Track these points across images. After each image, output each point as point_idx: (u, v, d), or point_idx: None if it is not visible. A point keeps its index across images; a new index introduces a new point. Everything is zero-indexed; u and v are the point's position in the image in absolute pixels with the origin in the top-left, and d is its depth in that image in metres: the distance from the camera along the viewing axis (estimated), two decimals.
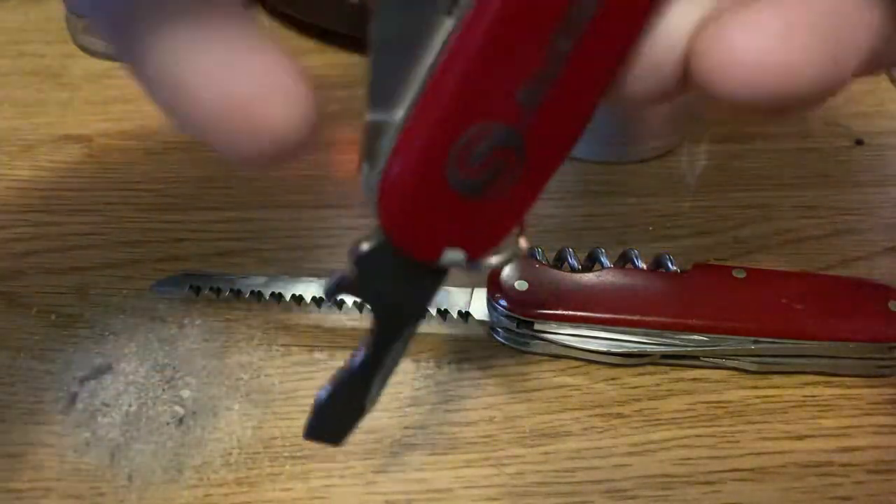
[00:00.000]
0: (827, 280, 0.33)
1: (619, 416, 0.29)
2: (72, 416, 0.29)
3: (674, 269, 0.31)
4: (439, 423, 0.29)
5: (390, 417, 0.29)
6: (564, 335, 0.30)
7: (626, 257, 0.32)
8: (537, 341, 0.31)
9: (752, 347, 0.30)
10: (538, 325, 0.30)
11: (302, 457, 0.28)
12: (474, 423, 0.29)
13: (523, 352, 0.31)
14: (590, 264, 0.32)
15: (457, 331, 0.32)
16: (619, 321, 0.30)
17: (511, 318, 0.31)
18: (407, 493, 0.27)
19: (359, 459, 0.28)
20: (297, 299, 0.33)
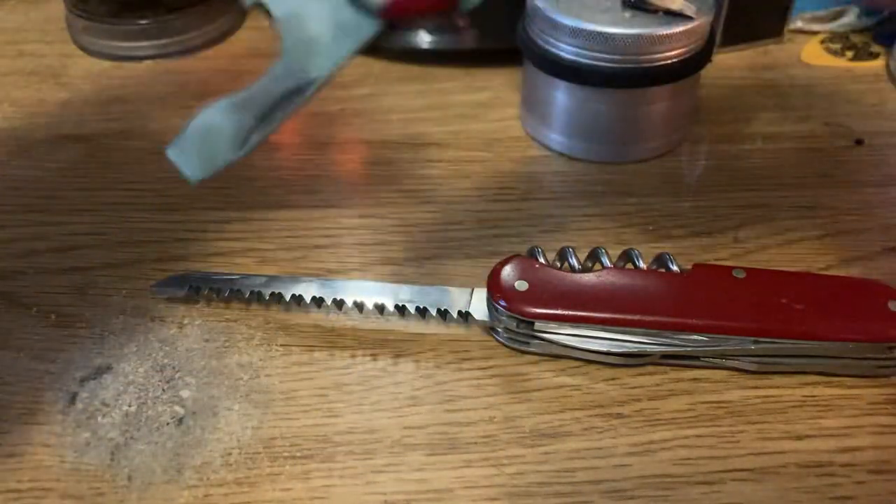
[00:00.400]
0: (827, 280, 0.33)
1: (619, 416, 0.29)
2: (72, 416, 0.29)
3: (674, 269, 0.31)
4: (439, 423, 0.29)
5: (390, 417, 0.29)
6: (564, 335, 0.30)
7: (627, 257, 0.32)
8: (537, 341, 0.31)
9: (752, 347, 0.30)
10: (538, 325, 0.30)
11: (302, 457, 0.28)
12: (474, 423, 0.29)
13: (523, 352, 0.31)
14: (590, 264, 0.32)
15: (457, 331, 0.33)
16: (619, 321, 0.30)
17: (511, 318, 0.31)
18: (407, 493, 0.27)
19: (359, 459, 0.28)
20: (297, 299, 0.33)
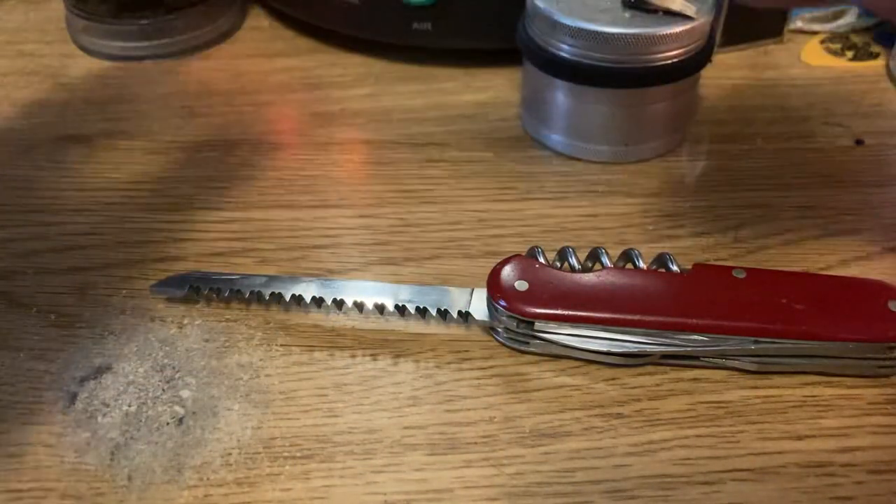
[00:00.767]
0: (827, 280, 0.33)
1: (619, 416, 0.29)
2: (72, 416, 0.29)
3: (674, 269, 0.31)
4: (439, 423, 0.29)
5: (390, 417, 0.29)
6: (564, 335, 0.30)
7: (627, 257, 0.32)
8: (537, 341, 0.31)
9: (752, 347, 0.30)
10: (538, 325, 0.30)
11: (302, 457, 0.28)
12: (474, 423, 0.29)
13: (523, 352, 0.31)
14: (590, 264, 0.32)
15: (457, 331, 0.33)
16: (619, 321, 0.30)
17: (511, 318, 0.31)
18: (407, 493, 0.27)
19: (359, 459, 0.28)
20: (297, 299, 0.33)
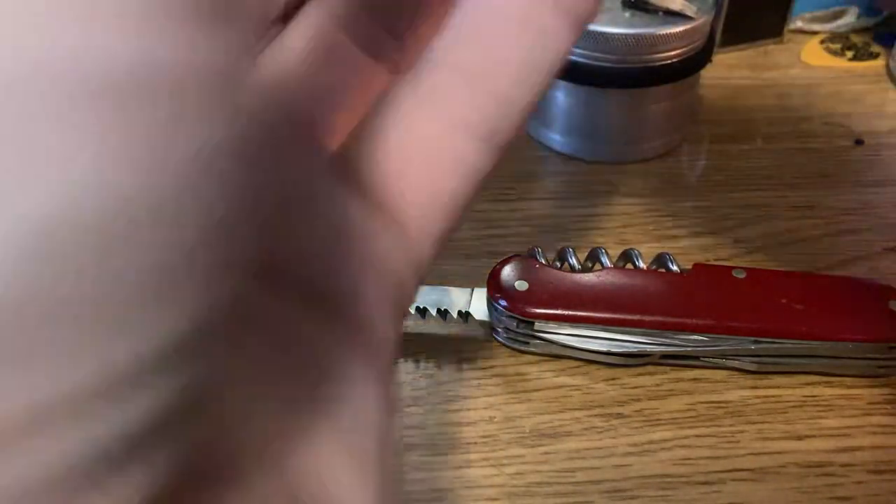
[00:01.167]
0: (827, 280, 0.33)
1: (619, 416, 0.29)
2: None
3: (674, 269, 0.31)
4: (439, 423, 0.29)
5: None
6: (564, 335, 0.30)
7: (627, 257, 0.32)
8: (537, 341, 0.31)
9: (752, 347, 0.30)
10: (538, 325, 0.30)
11: None
12: (474, 423, 0.29)
13: (523, 352, 0.31)
14: (590, 264, 0.32)
15: (457, 331, 0.32)
16: (619, 321, 0.30)
17: (511, 318, 0.31)
18: (407, 493, 0.27)
19: None
20: None
